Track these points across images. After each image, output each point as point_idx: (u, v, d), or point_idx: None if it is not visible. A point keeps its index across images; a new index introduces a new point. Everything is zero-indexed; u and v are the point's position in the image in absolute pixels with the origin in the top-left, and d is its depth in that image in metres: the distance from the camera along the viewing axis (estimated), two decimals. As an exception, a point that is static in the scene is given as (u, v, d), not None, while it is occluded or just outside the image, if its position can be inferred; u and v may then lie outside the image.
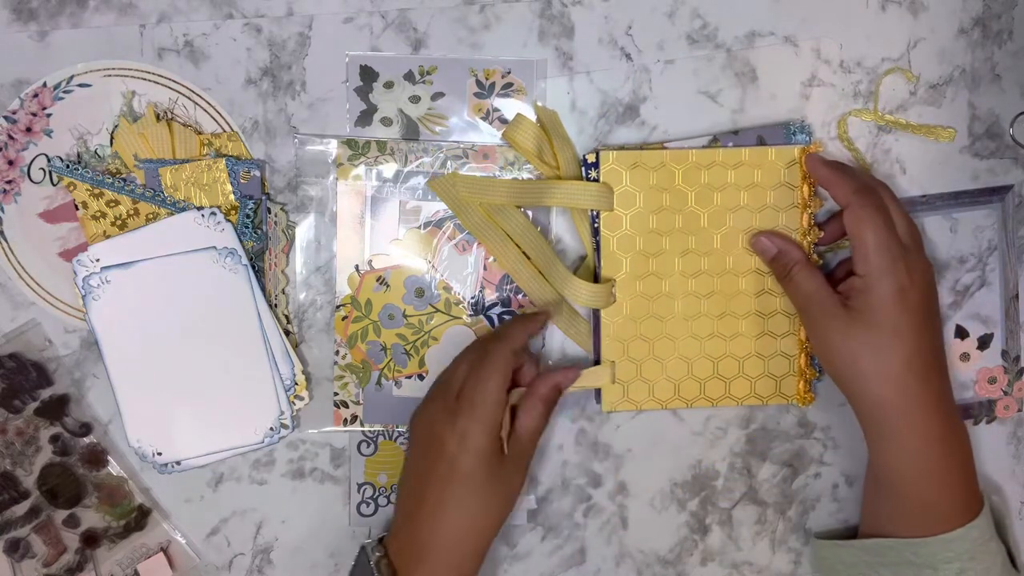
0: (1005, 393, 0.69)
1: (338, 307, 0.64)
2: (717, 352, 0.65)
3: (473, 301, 0.65)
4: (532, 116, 0.64)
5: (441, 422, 0.58)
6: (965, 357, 0.68)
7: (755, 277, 0.64)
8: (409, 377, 0.65)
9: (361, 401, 0.65)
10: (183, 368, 0.63)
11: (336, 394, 0.65)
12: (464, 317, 0.65)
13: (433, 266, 0.65)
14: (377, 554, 0.58)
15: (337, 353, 0.65)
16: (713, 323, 0.65)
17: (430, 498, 0.58)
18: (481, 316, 0.65)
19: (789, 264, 0.62)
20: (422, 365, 0.65)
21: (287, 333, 0.64)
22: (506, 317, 0.65)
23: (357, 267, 0.64)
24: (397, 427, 0.66)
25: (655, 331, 0.65)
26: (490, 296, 0.65)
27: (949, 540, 0.58)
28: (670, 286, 0.64)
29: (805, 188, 0.63)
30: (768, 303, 0.65)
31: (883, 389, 0.58)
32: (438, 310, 0.65)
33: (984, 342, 0.69)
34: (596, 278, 0.64)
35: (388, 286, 0.65)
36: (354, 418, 0.65)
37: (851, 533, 0.66)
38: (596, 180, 0.63)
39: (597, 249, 0.64)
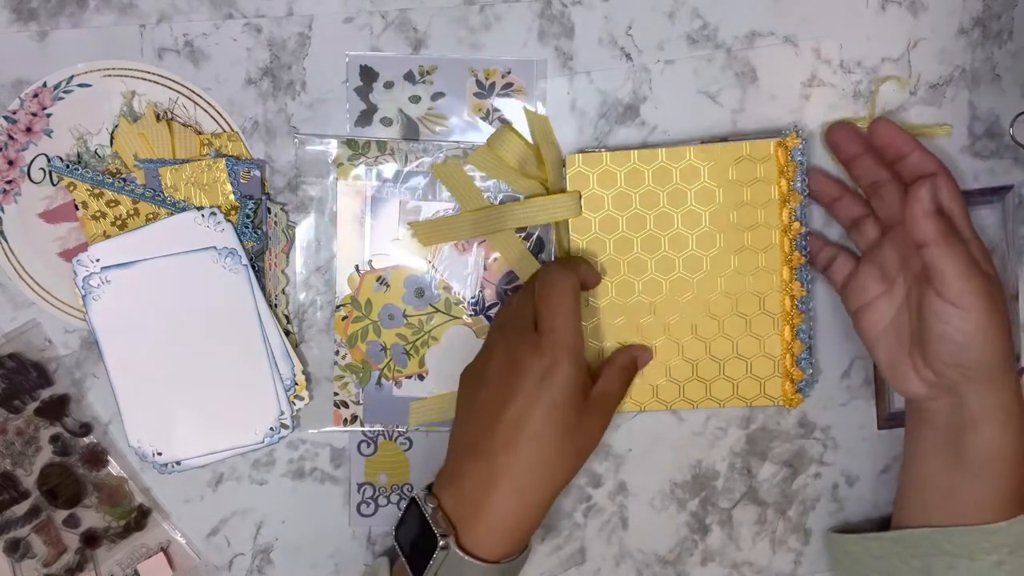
0: (1005, 393, 0.69)
1: (338, 307, 0.64)
2: (696, 354, 0.64)
3: (473, 301, 0.65)
4: (525, 120, 0.64)
5: (524, 351, 0.55)
6: (965, 357, 0.68)
7: (735, 277, 0.63)
8: (409, 377, 0.65)
9: (361, 401, 0.65)
10: (183, 368, 0.63)
11: (336, 394, 0.65)
12: (464, 317, 0.65)
13: (433, 266, 0.65)
14: (431, 505, 0.55)
15: (337, 353, 0.65)
16: (691, 325, 0.64)
17: (502, 431, 0.54)
18: (481, 316, 0.65)
19: (953, 226, 0.57)
20: (422, 365, 0.65)
21: (287, 333, 0.64)
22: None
23: (357, 267, 0.64)
24: (397, 427, 0.66)
25: (630, 335, 0.64)
26: (490, 296, 0.65)
27: (991, 531, 0.57)
28: (644, 289, 0.63)
29: (783, 183, 0.62)
30: (749, 304, 0.63)
31: (1014, 369, 0.57)
32: (438, 310, 0.65)
33: (984, 342, 0.69)
34: None
35: (388, 286, 0.65)
36: (354, 418, 0.65)
37: (856, 531, 0.65)
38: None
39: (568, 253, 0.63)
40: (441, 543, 0.54)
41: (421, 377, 0.65)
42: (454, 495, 0.56)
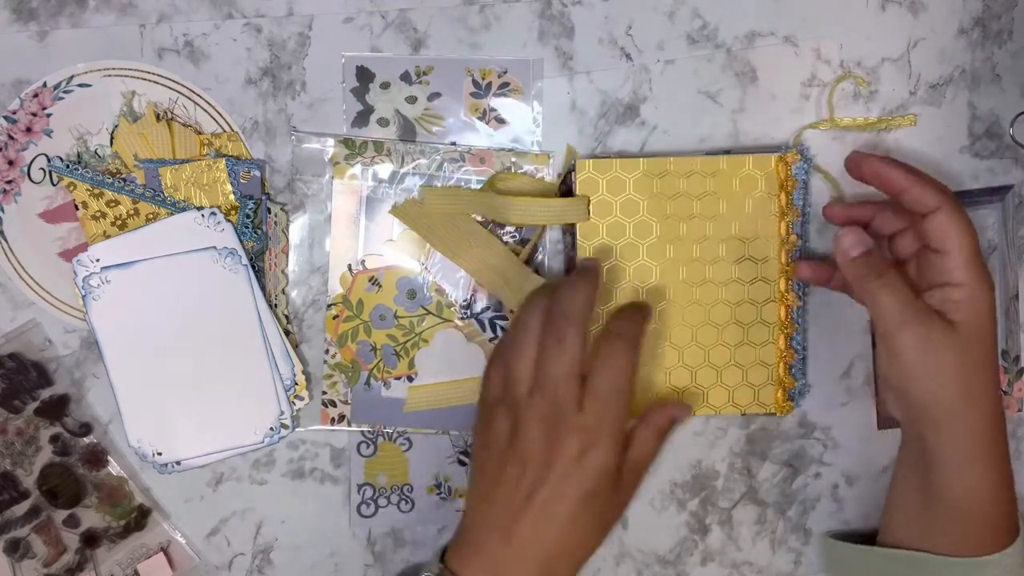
0: (1005, 393, 0.69)
1: (329, 306, 0.64)
2: (695, 361, 0.64)
3: (465, 304, 0.65)
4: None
5: (563, 426, 0.51)
6: (965, 357, 0.68)
7: (735, 287, 0.64)
8: (398, 378, 0.65)
9: (349, 401, 0.65)
10: (183, 368, 0.63)
11: (325, 393, 0.65)
12: (455, 320, 0.65)
13: (426, 268, 0.65)
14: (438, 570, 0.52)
15: (327, 352, 0.65)
16: (692, 332, 0.64)
17: (531, 514, 0.51)
18: (472, 319, 0.65)
19: (883, 266, 0.55)
20: (412, 367, 0.65)
21: (287, 333, 0.64)
22: (498, 322, 0.65)
23: (350, 266, 0.64)
24: (384, 427, 0.65)
25: None
26: (482, 299, 0.65)
27: (983, 564, 0.56)
28: (648, 295, 0.64)
29: (783, 197, 0.63)
30: (748, 313, 0.64)
31: (981, 408, 0.55)
32: (429, 312, 0.65)
33: (984, 342, 0.68)
34: None
35: (380, 286, 0.65)
36: (341, 417, 0.65)
37: (856, 534, 0.66)
38: (572, 188, 0.63)
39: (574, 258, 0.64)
40: None
41: (410, 379, 0.65)
42: (477, 571, 0.52)
